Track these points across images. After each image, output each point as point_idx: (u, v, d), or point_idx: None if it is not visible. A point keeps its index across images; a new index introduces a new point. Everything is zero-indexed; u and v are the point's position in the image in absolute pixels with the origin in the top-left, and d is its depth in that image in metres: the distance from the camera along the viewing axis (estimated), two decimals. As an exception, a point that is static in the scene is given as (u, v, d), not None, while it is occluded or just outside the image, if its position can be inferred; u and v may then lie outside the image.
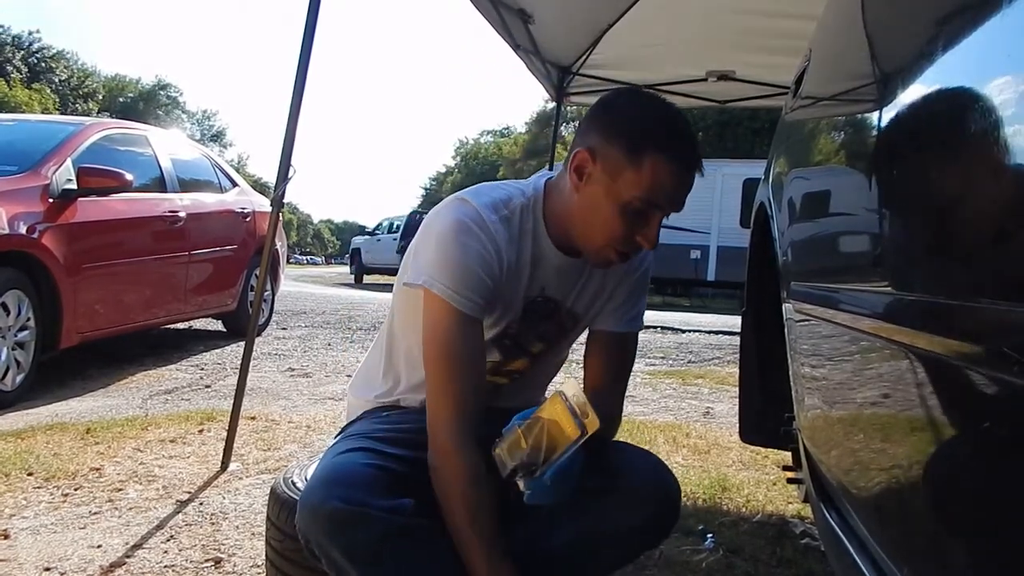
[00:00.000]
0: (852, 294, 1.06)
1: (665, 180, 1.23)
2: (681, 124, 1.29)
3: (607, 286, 1.46)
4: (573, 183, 1.30)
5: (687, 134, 1.29)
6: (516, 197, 1.37)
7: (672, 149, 1.23)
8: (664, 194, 1.24)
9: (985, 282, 0.60)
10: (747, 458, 3.16)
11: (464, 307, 1.26)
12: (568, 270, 1.40)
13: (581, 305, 1.46)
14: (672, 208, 1.26)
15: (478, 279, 1.27)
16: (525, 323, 1.42)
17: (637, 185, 1.22)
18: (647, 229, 1.26)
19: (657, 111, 1.30)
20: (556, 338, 1.49)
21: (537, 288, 1.40)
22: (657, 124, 1.27)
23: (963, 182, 0.67)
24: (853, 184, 1.09)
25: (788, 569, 2.05)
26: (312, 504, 1.14)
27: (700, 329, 8.70)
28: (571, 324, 1.48)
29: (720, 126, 27.58)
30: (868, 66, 1.04)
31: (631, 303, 1.48)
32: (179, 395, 4.07)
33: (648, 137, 1.23)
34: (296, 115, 2.66)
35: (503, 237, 1.32)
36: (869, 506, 0.96)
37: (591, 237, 1.30)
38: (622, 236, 1.26)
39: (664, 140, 1.23)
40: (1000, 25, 0.58)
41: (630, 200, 1.23)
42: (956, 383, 0.66)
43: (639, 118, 1.28)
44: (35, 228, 3.71)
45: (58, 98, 48.47)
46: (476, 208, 1.32)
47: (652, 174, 1.22)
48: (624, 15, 4.20)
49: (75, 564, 1.92)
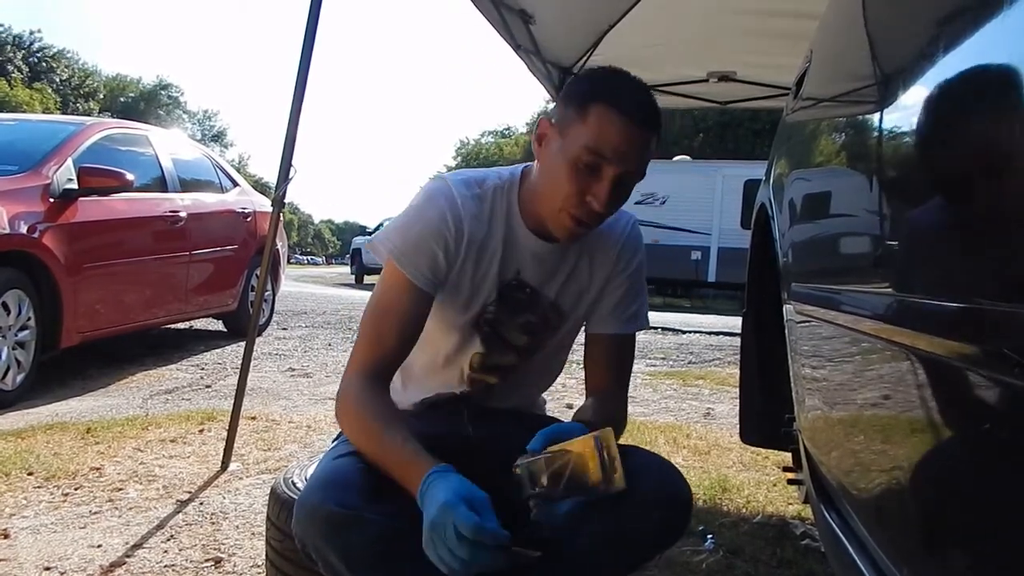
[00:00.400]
0: (853, 295, 1.06)
1: (609, 130, 1.22)
2: (631, 82, 1.30)
3: (595, 282, 1.45)
4: (536, 153, 1.34)
5: (637, 90, 1.29)
6: (492, 179, 1.40)
7: (618, 100, 1.24)
8: (609, 145, 1.22)
9: (985, 283, 0.60)
10: (747, 459, 3.16)
11: (407, 272, 1.31)
12: (545, 257, 1.40)
13: (567, 300, 1.45)
14: (621, 163, 1.24)
15: (428, 248, 1.31)
16: (504, 310, 1.42)
17: (583, 136, 1.23)
18: (597, 186, 1.24)
19: (607, 71, 1.32)
20: (541, 332, 1.47)
21: (512, 271, 1.40)
22: (605, 80, 1.30)
23: (964, 183, 0.67)
24: (854, 185, 1.09)
25: (788, 570, 2.05)
26: (308, 508, 1.14)
27: (701, 330, 8.70)
28: (556, 319, 1.46)
29: (721, 127, 27.60)
30: (869, 67, 1.04)
31: (626, 303, 1.47)
32: (179, 395, 4.07)
33: (595, 91, 1.26)
34: (297, 115, 2.66)
35: (470, 211, 1.34)
36: (869, 507, 0.96)
37: (548, 202, 1.30)
38: (572, 195, 1.26)
39: (609, 92, 1.25)
40: (1001, 25, 0.58)
41: (578, 153, 1.23)
42: (956, 384, 0.66)
43: (589, 78, 1.32)
44: (36, 228, 3.71)
45: (59, 98, 48.51)
46: (447, 182, 1.37)
47: (597, 124, 1.23)
48: (625, 16, 4.20)
49: (75, 564, 1.92)
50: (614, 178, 1.24)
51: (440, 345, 1.45)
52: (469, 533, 1.01)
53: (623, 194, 1.30)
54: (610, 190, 1.24)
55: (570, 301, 1.45)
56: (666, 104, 5.68)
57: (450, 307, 1.39)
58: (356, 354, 1.33)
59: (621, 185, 1.26)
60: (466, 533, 1.01)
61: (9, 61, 48.08)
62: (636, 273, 1.48)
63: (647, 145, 1.26)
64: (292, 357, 5.42)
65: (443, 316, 1.40)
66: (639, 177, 1.29)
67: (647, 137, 1.25)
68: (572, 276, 1.44)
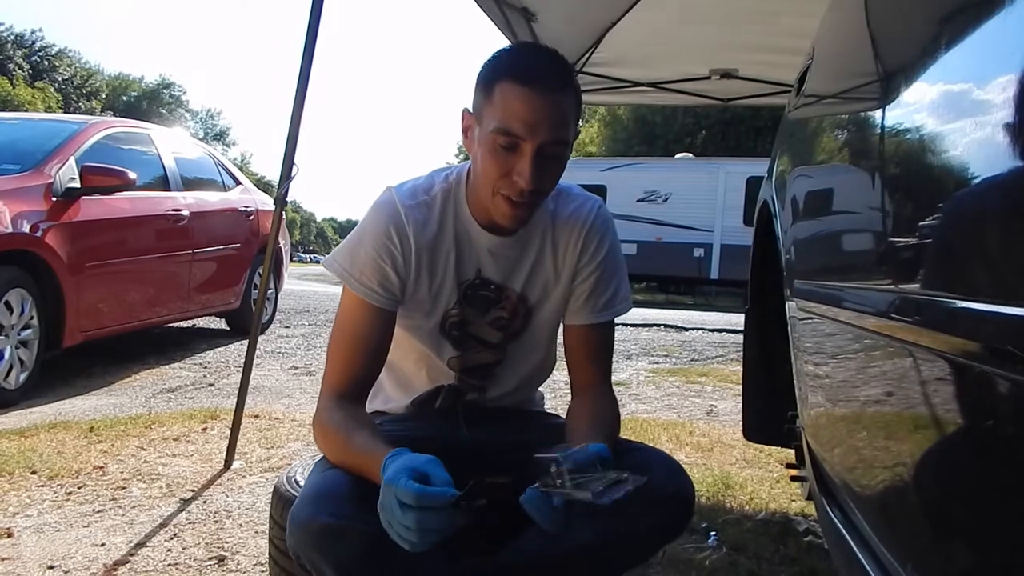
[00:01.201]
0: (855, 292, 1.06)
1: (515, 104, 1.20)
2: (533, 50, 1.29)
3: (562, 272, 1.42)
4: (465, 146, 1.33)
5: (538, 57, 1.27)
6: (439, 183, 1.39)
7: (517, 72, 1.21)
8: (517, 119, 1.19)
9: (989, 280, 0.60)
10: (750, 456, 3.16)
11: (359, 292, 1.31)
12: (503, 251, 1.38)
13: (534, 291, 1.42)
14: (534, 136, 1.20)
15: (376, 267, 1.31)
16: (471, 310, 1.40)
17: (493, 117, 1.21)
18: (519, 164, 1.21)
19: (508, 47, 1.31)
20: (513, 324, 1.44)
21: (471, 271, 1.39)
22: (503, 55, 1.28)
23: (966, 180, 0.67)
24: (856, 182, 1.09)
25: (791, 567, 2.05)
26: (301, 520, 1.14)
27: (703, 327, 8.69)
28: (524, 310, 1.44)
29: (723, 124, 27.56)
30: (871, 64, 1.04)
31: (598, 293, 1.43)
32: (182, 393, 4.08)
33: (496, 69, 1.25)
34: (299, 113, 2.66)
35: (418, 221, 1.34)
36: (872, 503, 0.96)
37: (482, 190, 1.28)
38: (499, 177, 1.23)
39: (509, 67, 1.23)
40: (1003, 24, 0.58)
41: (493, 136, 1.21)
42: (959, 381, 0.66)
43: (491, 59, 1.29)
44: (38, 227, 3.72)
45: (61, 97, 48.53)
46: (393, 196, 1.36)
47: (502, 101, 1.21)
48: (627, 13, 4.20)
49: (79, 562, 1.92)
50: (534, 151, 1.21)
51: (416, 353, 1.44)
52: (411, 500, 0.99)
53: (552, 166, 1.26)
54: (533, 164, 1.21)
55: (537, 292, 1.43)
56: (668, 101, 5.68)
57: (414, 317, 1.39)
58: (326, 378, 1.33)
59: (545, 157, 1.23)
60: (408, 501, 0.99)
61: (10, 60, 48.12)
62: (607, 260, 1.44)
63: (560, 109, 1.22)
64: (295, 355, 5.43)
65: (409, 326, 1.40)
66: (565, 145, 1.26)
67: (557, 102, 1.22)
68: (536, 267, 1.42)
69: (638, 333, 7.71)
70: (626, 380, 4.98)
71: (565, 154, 1.28)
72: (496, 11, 3.81)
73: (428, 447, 1.33)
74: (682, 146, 24.33)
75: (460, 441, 1.41)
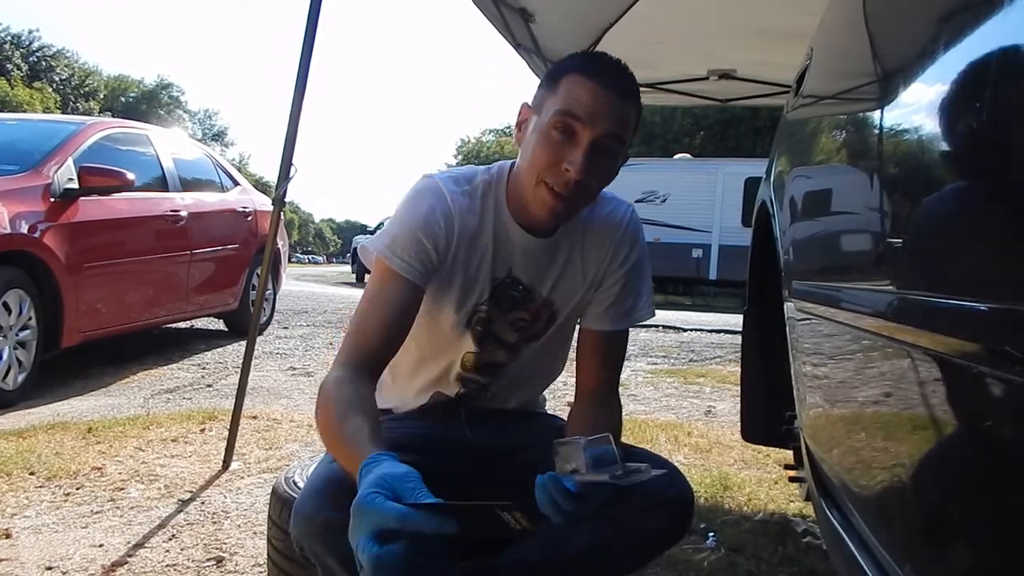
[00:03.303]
0: (854, 292, 1.06)
1: (580, 92, 1.21)
2: (605, 56, 1.29)
3: (589, 277, 1.41)
4: (517, 140, 1.33)
5: (610, 61, 1.27)
6: (480, 175, 1.38)
7: (586, 66, 1.24)
8: (580, 105, 1.20)
9: (987, 280, 0.60)
10: (749, 457, 3.16)
11: (395, 265, 1.28)
12: (536, 253, 1.37)
13: (560, 296, 1.41)
14: (593, 123, 1.20)
15: (417, 242, 1.28)
16: (496, 308, 1.39)
17: (555, 103, 1.22)
18: (572, 152, 1.21)
19: (580, 52, 1.37)
20: (534, 328, 1.43)
21: (504, 269, 1.37)
22: (576, 56, 1.31)
23: (965, 180, 0.67)
24: (855, 183, 1.09)
25: (790, 567, 2.05)
26: (306, 514, 1.14)
27: (702, 328, 8.69)
28: (548, 315, 1.42)
29: (721, 125, 27.59)
30: (870, 65, 1.04)
31: (621, 300, 1.42)
32: (181, 394, 4.07)
33: (565, 66, 1.27)
34: (297, 114, 2.66)
35: (462, 208, 1.32)
36: (871, 504, 0.96)
37: (526, 180, 1.27)
38: (548, 164, 1.22)
39: (579, 62, 1.26)
40: (1002, 23, 0.58)
41: (551, 120, 1.22)
42: (958, 382, 0.66)
43: (562, 61, 1.31)
44: (37, 227, 3.72)
45: (59, 97, 48.48)
46: (436, 179, 1.36)
47: (566, 89, 1.22)
48: (625, 14, 4.20)
49: (77, 563, 1.92)
50: (589, 142, 1.20)
51: (432, 345, 1.42)
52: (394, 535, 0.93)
53: (604, 164, 1.25)
54: (586, 155, 1.20)
55: (563, 297, 1.42)
56: (666, 102, 5.68)
57: (442, 304, 1.36)
58: (341, 348, 1.29)
59: (599, 152, 1.22)
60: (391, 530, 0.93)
61: (8, 60, 48.06)
62: (635, 268, 1.43)
63: (623, 111, 1.23)
64: (293, 356, 5.42)
65: (435, 314, 1.37)
66: (621, 142, 1.25)
67: (622, 102, 1.23)
68: (565, 271, 1.40)
69: (636, 334, 7.71)
70: (624, 381, 4.97)
71: (618, 155, 1.26)
72: (494, 11, 3.81)
73: (430, 446, 1.33)
74: (681, 146, 24.36)
75: (463, 442, 1.41)
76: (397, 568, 0.92)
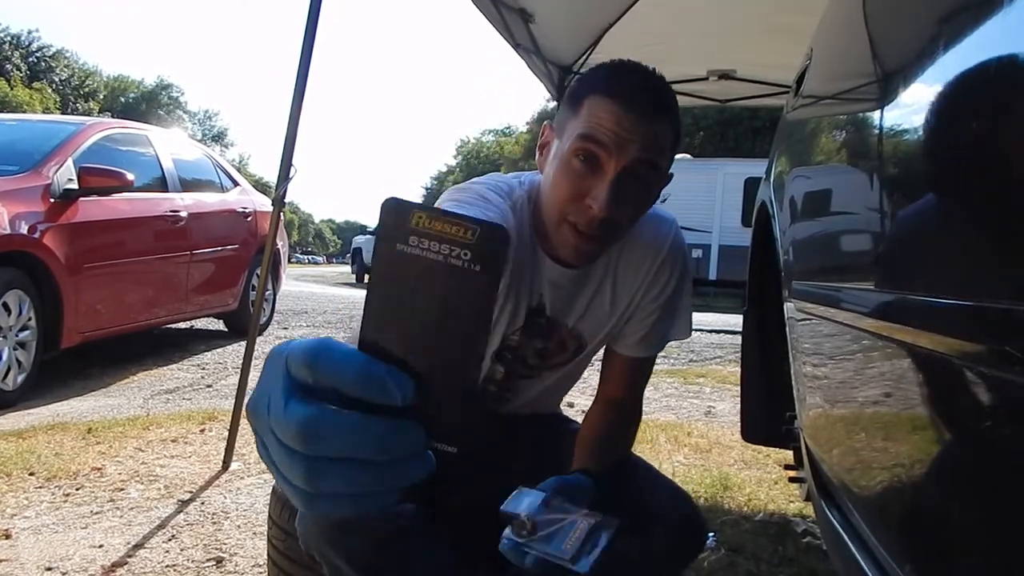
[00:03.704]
0: (854, 293, 1.06)
1: (602, 115, 1.07)
2: (633, 70, 1.13)
3: (620, 308, 1.30)
4: (539, 165, 1.21)
5: (638, 76, 1.12)
6: (517, 190, 1.25)
7: (612, 87, 1.09)
8: (602, 130, 1.06)
9: (987, 280, 0.60)
10: (749, 457, 3.16)
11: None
12: (564, 284, 1.26)
13: (587, 327, 1.31)
14: (620, 152, 1.06)
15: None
16: (525, 336, 1.31)
17: (576, 127, 1.09)
18: (597, 185, 1.07)
19: (607, 64, 1.16)
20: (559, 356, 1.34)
21: (536, 296, 1.27)
22: (600, 70, 1.15)
23: (965, 180, 0.67)
24: (855, 183, 1.09)
25: (790, 568, 2.05)
26: (311, 514, 1.12)
27: (702, 328, 8.69)
28: (575, 346, 1.33)
29: (721, 125, 27.60)
30: (870, 65, 1.04)
31: (656, 331, 1.32)
32: (180, 394, 4.07)
33: (590, 83, 1.12)
34: (297, 115, 2.66)
35: (510, 224, 1.16)
36: (871, 504, 0.96)
37: (549, 215, 1.15)
38: (570, 199, 1.10)
39: (602, 82, 1.11)
40: (1002, 23, 0.58)
41: (572, 147, 1.09)
42: (958, 382, 0.66)
43: (587, 73, 1.17)
44: (36, 228, 3.72)
45: (59, 98, 48.50)
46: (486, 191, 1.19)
47: (589, 112, 1.08)
48: (625, 14, 4.20)
49: (77, 564, 1.92)
50: (616, 173, 1.07)
51: None
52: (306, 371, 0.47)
53: (637, 195, 1.12)
54: (612, 188, 1.07)
55: (591, 328, 1.32)
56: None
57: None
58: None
59: (628, 184, 1.09)
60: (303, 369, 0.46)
61: (8, 60, 48.08)
62: (674, 294, 1.31)
63: (654, 135, 1.09)
64: (293, 356, 5.41)
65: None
66: (655, 174, 1.12)
67: (651, 123, 1.08)
68: (594, 302, 1.29)
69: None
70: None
71: (652, 183, 1.13)
72: (493, 12, 3.81)
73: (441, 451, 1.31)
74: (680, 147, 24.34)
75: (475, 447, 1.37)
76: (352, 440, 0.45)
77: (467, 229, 0.42)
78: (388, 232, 0.43)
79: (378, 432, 0.41)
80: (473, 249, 0.43)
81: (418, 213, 0.42)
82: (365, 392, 0.41)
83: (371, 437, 0.41)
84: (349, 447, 0.41)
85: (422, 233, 0.43)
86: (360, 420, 0.41)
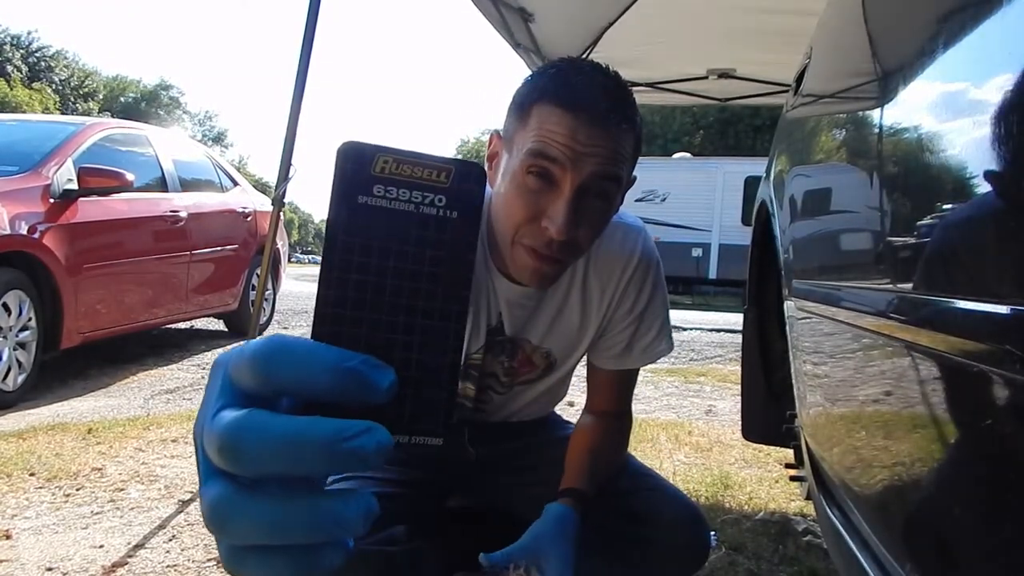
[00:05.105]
0: (854, 291, 1.06)
1: (554, 128, 0.96)
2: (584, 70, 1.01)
3: (590, 324, 1.24)
4: (491, 180, 1.09)
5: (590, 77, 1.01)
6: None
7: (560, 93, 0.97)
8: (556, 145, 0.95)
9: (988, 279, 0.60)
10: (749, 456, 3.16)
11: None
12: (522, 302, 1.20)
13: (556, 343, 1.25)
14: (576, 167, 0.96)
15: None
16: (490, 355, 1.26)
17: (526, 140, 0.98)
18: (553, 205, 0.97)
19: (554, 64, 1.04)
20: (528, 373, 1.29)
21: (495, 316, 1.21)
22: (547, 73, 1.03)
23: (965, 179, 0.67)
24: (855, 181, 1.09)
25: (791, 567, 2.05)
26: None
27: (702, 327, 8.69)
28: (544, 363, 1.27)
29: (721, 124, 27.61)
30: (870, 63, 1.04)
31: (633, 343, 1.27)
32: (181, 395, 4.07)
33: (535, 89, 1.01)
34: (296, 114, 2.66)
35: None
36: (872, 503, 0.96)
37: (501, 236, 1.06)
38: (524, 220, 1.00)
39: (551, 87, 0.99)
40: (1002, 23, 0.58)
41: (523, 165, 0.98)
42: (959, 381, 0.66)
43: (532, 76, 1.05)
44: (36, 228, 3.72)
45: (59, 98, 48.50)
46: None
47: (539, 123, 0.97)
48: (624, 13, 4.20)
49: (77, 564, 1.92)
50: (573, 191, 0.97)
51: None
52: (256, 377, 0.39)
53: (596, 213, 1.02)
54: (569, 208, 0.97)
55: (560, 345, 1.26)
56: (666, 101, 5.69)
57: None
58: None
59: (586, 199, 0.99)
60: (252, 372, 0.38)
61: (8, 61, 48.08)
62: (649, 306, 1.25)
63: (612, 146, 0.98)
64: (293, 356, 5.41)
65: None
66: (616, 185, 1.02)
67: (610, 135, 0.97)
68: (560, 319, 1.23)
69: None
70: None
71: (613, 195, 1.03)
72: (493, 11, 3.81)
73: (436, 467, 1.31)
74: (680, 145, 24.37)
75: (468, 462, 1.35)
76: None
77: (440, 171, 0.37)
78: (347, 182, 0.36)
79: (300, 515, 0.34)
80: (449, 193, 0.37)
81: (383, 157, 0.36)
82: (341, 393, 0.34)
83: (292, 522, 0.34)
84: (265, 535, 0.34)
85: (388, 180, 0.36)
86: (281, 501, 0.34)
